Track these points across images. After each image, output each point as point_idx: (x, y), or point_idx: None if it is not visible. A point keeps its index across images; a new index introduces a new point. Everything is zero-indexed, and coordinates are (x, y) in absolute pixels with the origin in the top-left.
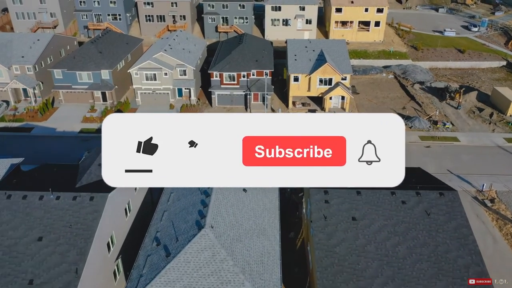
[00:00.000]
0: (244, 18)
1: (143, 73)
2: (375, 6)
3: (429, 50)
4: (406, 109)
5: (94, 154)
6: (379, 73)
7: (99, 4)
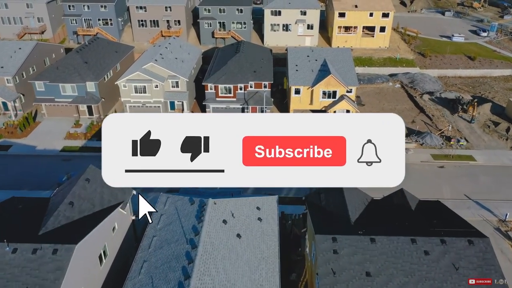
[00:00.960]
0: (242, 23)
1: (132, 85)
2: (380, 10)
3: (437, 57)
4: (416, 123)
5: (68, 186)
6: (385, 82)
7: (89, 8)
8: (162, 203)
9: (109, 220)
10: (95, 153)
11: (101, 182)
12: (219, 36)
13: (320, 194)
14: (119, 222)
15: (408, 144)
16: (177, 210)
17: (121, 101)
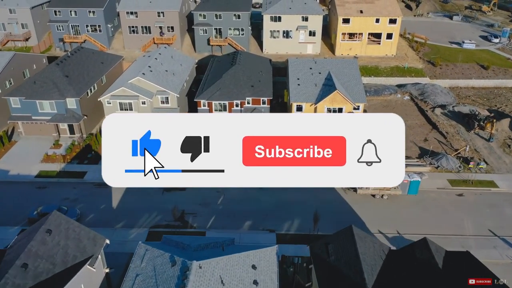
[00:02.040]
0: (239, 30)
1: (117, 101)
2: (387, 16)
3: (448, 66)
4: (429, 142)
5: (27, 237)
6: (393, 93)
7: (76, 14)
8: (139, 257)
9: (73, 284)
10: (73, 179)
11: (66, 233)
12: (215, 44)
13: (328, 245)
14: (87, 283)
15: (422, 167)
16: (155, 271)
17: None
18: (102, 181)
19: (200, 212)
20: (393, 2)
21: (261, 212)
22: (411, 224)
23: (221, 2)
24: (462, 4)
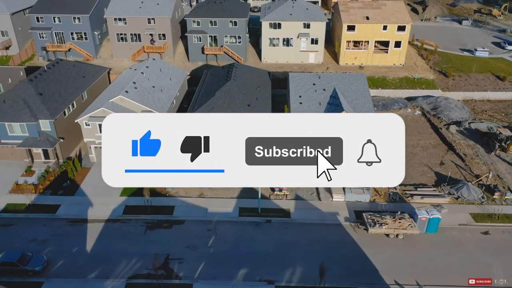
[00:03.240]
0: (236, 37)
1: (96, 123)
2: (396, 23)
3: (462, 76)
4: (446, 166)
5: None
6: (403, 108)
7: (60, 21)
8: None
9: None
10: (44, 214)
11: None
12: (210, 53)
13: None
14: None
15: (441, 198)
16: None
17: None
18: (77, 217)
19: (188, 257)
20: (401, 7)
21: (258, 257)
22: (431, 271)
23: (216, 7)
24: (471, 7)
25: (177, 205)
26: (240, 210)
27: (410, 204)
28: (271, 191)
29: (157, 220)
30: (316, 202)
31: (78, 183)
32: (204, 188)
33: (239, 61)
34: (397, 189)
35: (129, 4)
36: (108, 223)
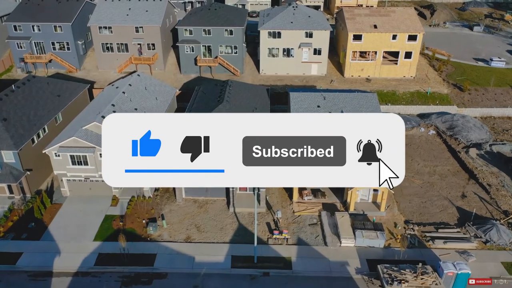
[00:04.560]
0: (232, 47)
1: (67, 154)
2: (406, 32)
3: (478, 90)
4: (469, 199)
5: None
6: (416, 127)
7: (40, 29)
8: None
9: None
10: (3, 266)
11: None
12: (204, 64)
13: None
14: None
15: (467, 243)
16: None
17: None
18: (40, 269)
19: None
20: (412, 14)
21: None
22: None
23: (210, 15)
24: (481, 12)
25: (159, 253)
26: (233, 259)
27: (431, 251)
28: (269, 234)
29: (134, 273)
30: (321, 247)
31: (46, 223)
32: (191, 231)
33: (235, 73)
34: (416, 231)
35: (115, 11)
36: (76, 278)
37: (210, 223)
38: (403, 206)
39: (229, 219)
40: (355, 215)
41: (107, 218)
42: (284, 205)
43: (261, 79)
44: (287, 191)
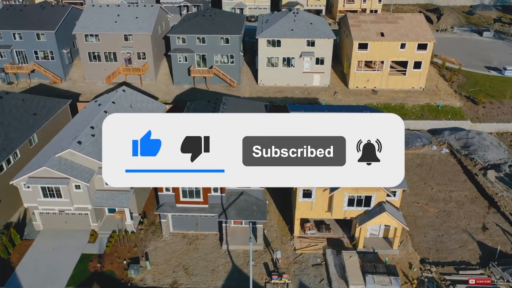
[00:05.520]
0: (228, 57)
1: (38, 186)
2: (416, 41)
3: (493, 103)
4: (490, 231)
5: None
6: (427, 145)
7: (22, 37)
8: None
9: None
10: None
11: None
12: (198, 75)
13: None
14: None
15: None
16: None
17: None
18: None
19: None
20: (421, 21)
21: None
22: None
23: (205, 21)
24: (490, 16)
25: None
26: None
27: None
28: (267, 278)
29: None
30: None
31: (13, 264)
32: (179, 273)
33: (231, 84)
34: (433, 273)
35: (103, 18)
36: None
37: (200, 263)
38: (417, 240)
39: (222, 258)
40: (364, 254)
41: (83, 258)
42: (284, 240)
43: (259, 90)
44: (287, 224)
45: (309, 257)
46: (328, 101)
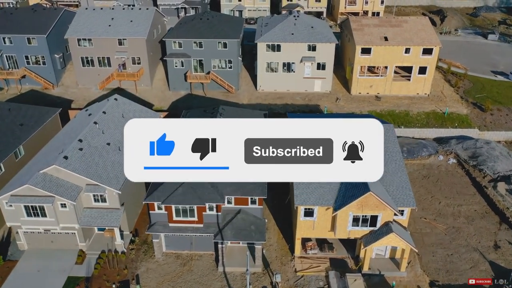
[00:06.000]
0: (226, 62)
1: (21, 205)
2: (421, 45)
3: (501, 110)
4: (502, 250)
5: None
6: (433, 155)
7: (12, 42)
8: None
9: None
10: None
11: None
12: (195, 80)
13: None
14: None
15: None
16: None
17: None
18: None
19: None
20: (426, 25)
21: None
22: None
23: (202, 25)
24: (494, 18)
25: None
26: None
27: None
28: None
29: None
30: None
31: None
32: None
33: (230, 90)
34: None
35: (96, 22)
36: None
37: (194, 287)
38: (426, 260)
39: (218, 281)
40: (370, 276)
41: (70, 281)
42: (284, 261)
43: (258, 96)
44: (288, 242)
45: (311, 279)
46: (329, 108)
